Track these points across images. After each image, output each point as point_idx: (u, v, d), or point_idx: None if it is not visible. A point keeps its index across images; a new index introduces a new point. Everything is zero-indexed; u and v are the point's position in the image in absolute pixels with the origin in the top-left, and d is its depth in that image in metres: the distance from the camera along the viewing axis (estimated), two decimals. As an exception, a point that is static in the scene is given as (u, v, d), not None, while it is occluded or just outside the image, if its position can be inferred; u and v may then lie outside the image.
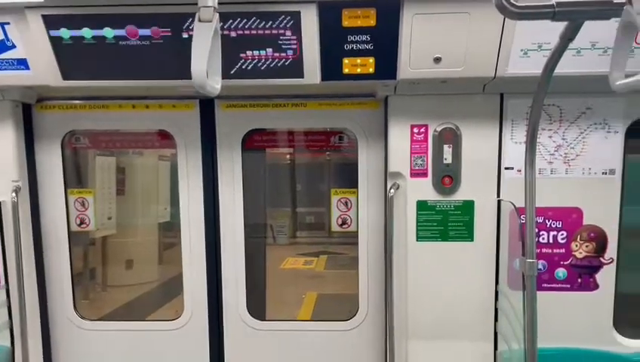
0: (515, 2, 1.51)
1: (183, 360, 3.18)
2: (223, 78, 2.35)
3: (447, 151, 2.70)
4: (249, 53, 2.43)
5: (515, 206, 2.54)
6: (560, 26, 1.67)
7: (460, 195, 2.74)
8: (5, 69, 2.52)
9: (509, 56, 2.36)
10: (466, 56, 2.37)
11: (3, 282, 2.88)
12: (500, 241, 2.74)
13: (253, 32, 2.37)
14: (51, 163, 3.06)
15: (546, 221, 2.71)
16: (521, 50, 2.34)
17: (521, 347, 2.43)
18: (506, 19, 2.26)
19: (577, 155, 2.68)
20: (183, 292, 3.15)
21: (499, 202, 2.71)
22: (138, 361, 3.20)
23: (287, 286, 4.25)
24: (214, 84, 1.70)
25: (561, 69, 1.85)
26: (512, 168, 2.71)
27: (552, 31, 1.91)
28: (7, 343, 2.93)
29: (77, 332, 3.19)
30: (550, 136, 2.68)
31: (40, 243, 3.10)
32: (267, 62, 2.45)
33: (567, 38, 1.68)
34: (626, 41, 1.51)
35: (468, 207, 2.74)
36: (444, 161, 2.71)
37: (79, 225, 3.18)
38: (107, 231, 3.79)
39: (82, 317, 3.20)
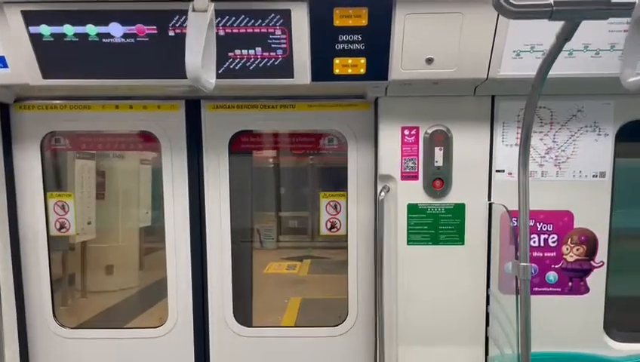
0: (512, 1, 1.48)
1: None
2: None
3: (438, 154, 2.67)
4: (237, 52, 2.36)
5: (507, 208, 2.52)
6: (554, 28, 1.65)
7: (451, 198, 2.70)
8: None
9: (502, 58, 2.33)
10: (458, 57, 2.34)
11: None
12: (491, 245, 2.71)
13: (242, 30, 2.31)
14: (30, 165, 2.95)
15: (537, 224, 2.70)
16: (514, 52, 2.32)
17: (514, 351, 2.40)
18: (499, 19, 2.24)
19: (568, 158, 2.67)
20: (167, 299, 3.06)
21: (490, 205, 2.69)
22: None
23: (272, 291, 4.18)
24: (209, 78, 1.64)
25: (553, 70, 1.82)
26: (503, 171, 2.69)
27: (545, 32, 1.89)
28: None
29: (56, 341, 3.08)
30: (541, 139, 2.67)
31: (18, 248, 2.98)
32: (256, 62, 2.39)
33: (564, 37, 1.65)
34: (638, 38, 1.49)
35: (459, 210, 2.71)
36: (435, 164, 2.67)
37: (59, 229, 3.07)
38: (87, 235, 3.69)
39: (62, 325, 3.08)
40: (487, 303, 2.75)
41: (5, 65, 2.42)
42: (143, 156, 4.00)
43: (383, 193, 2.69)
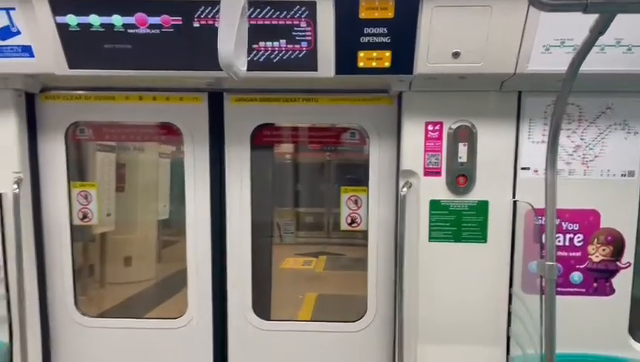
0: None
1: (185, 358, 3.10)
2: None
3: (462, 150, 2.63)
4: (262, 44, 2.35)
5: (532, 206, 2.47)
6: (585, 22, 1.61)
7: (475, 195, 2.66)
8: (9, 56, 2.44)
9: (530, 52, 2.28)
10: (485, 51, 2.30)
11: (2, 275, 2.80)
12: (514, 243, 2.67)
13: (267, 22, 2.29)
14: (54, 155, 2.98)
15: (563, 223, 2.64)
16: (543, 46, 2.27)
17: (537, 352, 2.36)
18: (529, 13, 2.20)
19: (596, 156, 2.61)
20: (183, 291, 3.08)
21: (514, 203, 2.64)
22: (139, 360, 3.12)
23: (288, 286, 4.17)
24: (240, 66, 1.62)
25: (583, 66, 1.78)
26: (529, 168, 2.64)
27: (576, 26, 1.85)
28: (6, 339, 2.85)
29: (77, 329, 3.11)
30: (568, 136, 2.61)
31: (41, 237, 3.02)
32: (280, 54, 2.38)
33: (598, 31, 1.61)
34: None
35: (482, 207, 2.67)
36: (459, 160, 2.64)
37: (82, 218, 3.10)
38: (106, 227, 3.73)
39: (83, 314, 3.12)
40: (510, 302, 2.70)
41: (32, 55, 2.44)
42: (162, 150, 4.01)
43: (405, 189, 2.66)
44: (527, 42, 2.26)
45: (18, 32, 2.40)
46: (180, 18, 2.31)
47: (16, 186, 2.73)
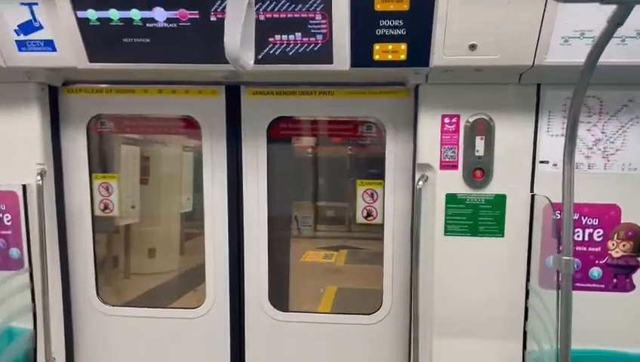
0: None
1: (203, 348, 3.16)
2: None
3: (480, 143, 2.61)
4: (277, 37, 2.36)
5: (550, 200, 2.44)
6: (606, 13, 1.57)
7: (492, 189, 2.64)
8: (32, 50, 2.50)
9: (549, 44, 2.25)
10: (503, 43, 2.27)
11: (27, 265, 2.89)
12: (532, 237, 2.64)
13: (283, 15, 2.30)
14: (77, 147, 3.05)
15: (582, 218, 2.60)
16: (562, 38, 2.23)
17: (553, 347, 2.34)
18: (548, 4, 2.16)
19: (617, 150, 2.56)
20: (205, 281, 3.13)
21: (532, 197, 2.61)
22: (159, 348, 3.19)
23: (309, 279, 4.19)
24: (248, 59, 1.64)
25: (603, 58, 1.74)
26: (548, 162, 2.61)
27: (595, 18, 1.81)
28: (30, 326, 2.94)
29: (99, 317, 3.19)
30: (589, 130, 2.56)
31: (64, 227, 3.09)
32: (296, 47, 2.38)
33: (616, 22, 1.58)
34: None
35: (499, 201, 2.64)
36: (476, 153, 2.61)
37: (103, 210, 3.17)
38: (130, 219, 3.80)
39: (105, 303, 3.19)
40: (527, 297, 2.68)
41: (54, 49, 2.50)
42: (185, 143, 4.06)
43: (420, 182, 2.65)
44: (545, 34, 2.22)
45: (40, 27, 2.45)
46: (197, 12, 2.33)
47: (39, 178, 2.80)
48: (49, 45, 2.49)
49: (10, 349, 2.86)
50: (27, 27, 2.45)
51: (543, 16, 2.18)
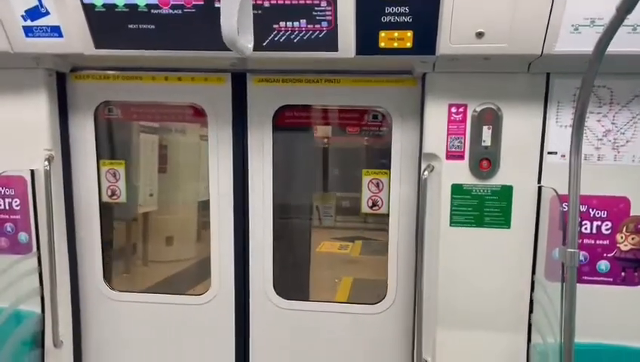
0: None
1: (208, 334, 3.18)
2: (256, 50, 2.31)
3: (487, 133, 2.57)
4: (282, 24, 2.34)
5: (557, 192, 2.40)
6: (615, 0, 1.53)
7: (498, 180, 2.61)
8: (39, 36, 2.51)
9: (559, 32, 2.20)
10: (511, 31, 2.23)
11: (35, 249, 2.92)
12: (538, 229, 2.61)
13: (288, 1, 2.28)
14: (84, 133, 3.07)
15: (590, 210, 2.56)
16: (572, 26, 2.18)
17: (557, 340, 2.31)
18: None
19: (627, 141, 2.51)
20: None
21: (539, 188, 2.57)
22: (164, 333, 3.22)
23: (325, 269, 4.18)
24: (246, 43, 1.62)
25: (614, 47, 1.70)
26: (556, 153, 2.56)
27: (606, 5, 1.76)
28: (38, 309, 2.98)
29: (106, 302, 3.23)
30: (599, 120, 2.52)
31: (72, 212, 3.12)
32: (301, 34, 2.36)
33: (625, 10, 1.54)
34: None
35: (506, 192, 2.61)
36: (483, 143, 2.58)
37: (110, 196, 3.19)
38: (149, 207, 3.82)
39: (112, 288, 3.23)
40: (532, 289, 2.65)
41: (60, 35, 2.50)
42: (202, 132, 4.08)
43: (426, 172, 2.63)
44: (554, 22, 2.17)
45: (47, 13, 2.46)
46: None
47: (47, 163, 2.83)
48: (55, 31, 2.50)
49: (18, 332, 2.91)
50: (34, 13, 2.46)
51: (553, 3, 2.14)
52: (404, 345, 3.03)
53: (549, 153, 2.57)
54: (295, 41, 2.38)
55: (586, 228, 2.58)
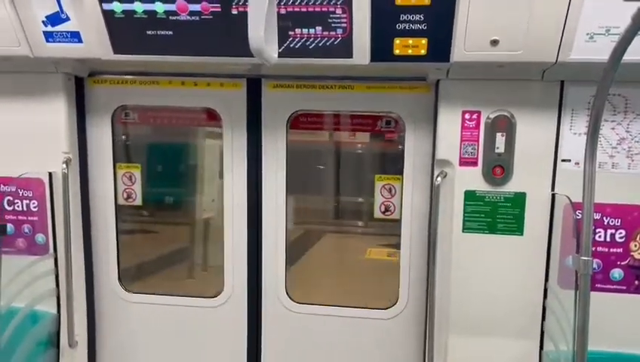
0: None
1: (221, 336, 3.21)
2: None
3: (500, 140, 2.58)
4: (298, 31, 2.37)
5: (570, 200, 2.40)
6: (631, 9, 1.54)
7: (512, 187, 2.61)
8: (59, 41, 2.56)
9: (574, 41, 2.20)
10: (525, 39, 2.24)
11: (52, 250, 2.97)
12: (552, 237, 2.60)
13: (304, 9, 2.31)
14: (101, 136, 3.11)
15: (604, 218, 2.55)
16: (587, 34, 2.19)
17: (569, 348, 2.31)
18: None
19: None
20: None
21: (553, 196, 2.57)
22: (177, 334, 3.25)
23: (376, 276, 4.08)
24: (271, 52, 1.64)
25: (629, 55, 1.70)
26: (570, 161, 2.56)
27: (622, 14, 1.77)
28: (54, 310, 3.03)
29: (120, 303, 3.27)
30: (613, 128, 2.51)
31: (88, 214, 3.17)
32: (316, 41, 2.39)
33: None
34: None
35: (519, 199, 2.61)
36: (496, 150, 2.59)
37: (126, 199, 3.24)
38: (210, 212, 3.83)
39: (126, 290, 3.26)
40: (545, 297, 2.65)
41: (80, 40, 2.55)
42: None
43: (439, 178, 2.64)
44: (569, 30, 2.18)
45: (67, 19, 2.51)
46: (219, 5, 2.35)
47: (64, 166, 2.87)
48: (75, 37, 2.54)
49: (34, 332, 2.95)
50: (55, 18, 2.51)
51: (568, 11, 2.14)
52: (416, 351, 3.03)
53: (563, 160, 2.57)
54: (310, 47, 2.41)
55: (599, 236, 2.58)
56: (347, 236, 3.70)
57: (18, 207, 2.97)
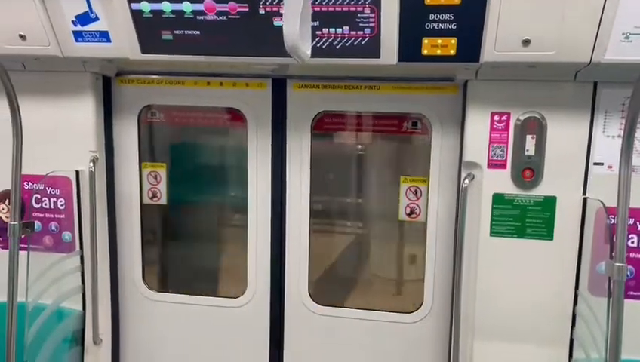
0: None
1: (243, 337, 3.21)
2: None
3: (530, 142, 2.52)
4: (325, 30, 2.35)
5: (604, 204, 2.34)
6: None
7: (541, 190, 2.55)
8: (88, 41, 2.58)
9: (608, 41, 2.14)
10: (558, 39, 2.18)
11: (78, 248, 3.00)
12: (582, 242, 2.54)
13: (331, 8, 2.29)
14: (128, 136, 3.14)
15: (638, 223, 2.48)
16: (623, 34, 2.12)
17: (601, 356, 2.25)
18: None
19: None
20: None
21: (585, 200, 2.51)
22: (199, 334, 3.26)
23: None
24: (305, 49, 1.62)
25: None
26: (602, 164, 2.50)
27: None
28: (79, 307, 3.06)
29: (144, 302, 3.29)
30: None
31: (113, 213, 3.20)
32: (343, 41, 2.37)
33: None
34: None
35: (549, 203, 2.55)
36: (526, 153, 2.53)
37: (151, 198, 3.26)
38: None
39: (150, 288, 3.28)
40: (575, 303, 2.58)
41: (109, 40, 2.57)
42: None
43: (466, 181, 2.59)
44: (604, 29, 2.12)
45: (97, 18, 2.53)
46: (247, 5, 2.35)
47: (91, 165, 2.90)
48: (104, 36, 2.57)
49: (59, 329, 2.99)
50: (84, 18, 2.54)
51: (603, 10, 2.08)
52: (440, 356, 2.98)
53: (595, 164, 2.50)
54: (337, 47, 2.39)
55: (632, 242, 2.51)
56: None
57: (45, 204, 3.01)
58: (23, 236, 2.58)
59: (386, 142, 3.24)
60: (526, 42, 2.20)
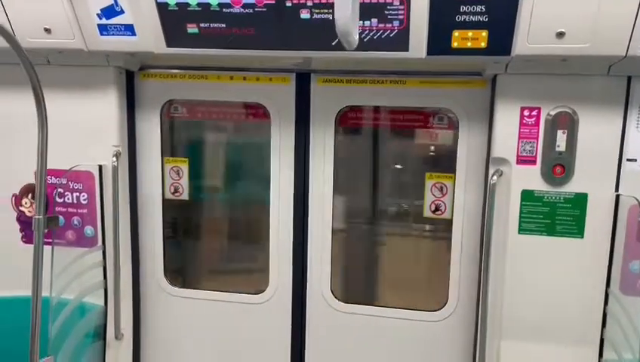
0: None
1: (264, 333, 3.18)
2: (325, 49, 2.28)
3: (561, 138, 2.47)
4: None
5: (638, 201, 2.28)
6: None
7: (572, 187, 2.50)
8: (113, 35, 2.57)
9: None
10: (593, 31, 2.13)
11: (100, 243, 2.99)
12: (614, 240, 2.48)
13: (360, 0, 2.25)
14: (150, 130, 3.12)
15: (672, 221, 2.42)
16: None
17: (635, 357, 2.20)
18: None
19: None
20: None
21: (617, 197, 2.45)
22: (220, 330, 3.25)
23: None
24: (354, 35, 1.58)
25: None
26: (635, 160, 2.44)
27: None
28: (101, 302, 3.05)
29: (165, 297, 3.28)
30: None
31: (135, 208, 3.19)
32: (371, 34, 2.33)
33: None
34: None
35: (580, 200, 2.49)
36: (557, 148, 2.48)
37: (173, 193, 3.24)
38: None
39: (171, 284, 3.27)
40: (606, 303, 2.52)
41: (134, 33, 2.55)
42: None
43: (495, 177, 2.54)
44: None
45: (122, 11, 2.51)
46: None
47: (114, 159, 2.89)
48: (129, 30, 2.55)
49: (82, 323, 2.98)
50: (109, 11, 2.52)
51: None
52: (465, 355, 2.94)
53: (628, 160, 2.44)
54: (365, 40, 2.35)
55: None
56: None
57: (68, 199, 3.00)
58: (47, 230, 2.57)
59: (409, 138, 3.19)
60: (560, 35, 2.15)
